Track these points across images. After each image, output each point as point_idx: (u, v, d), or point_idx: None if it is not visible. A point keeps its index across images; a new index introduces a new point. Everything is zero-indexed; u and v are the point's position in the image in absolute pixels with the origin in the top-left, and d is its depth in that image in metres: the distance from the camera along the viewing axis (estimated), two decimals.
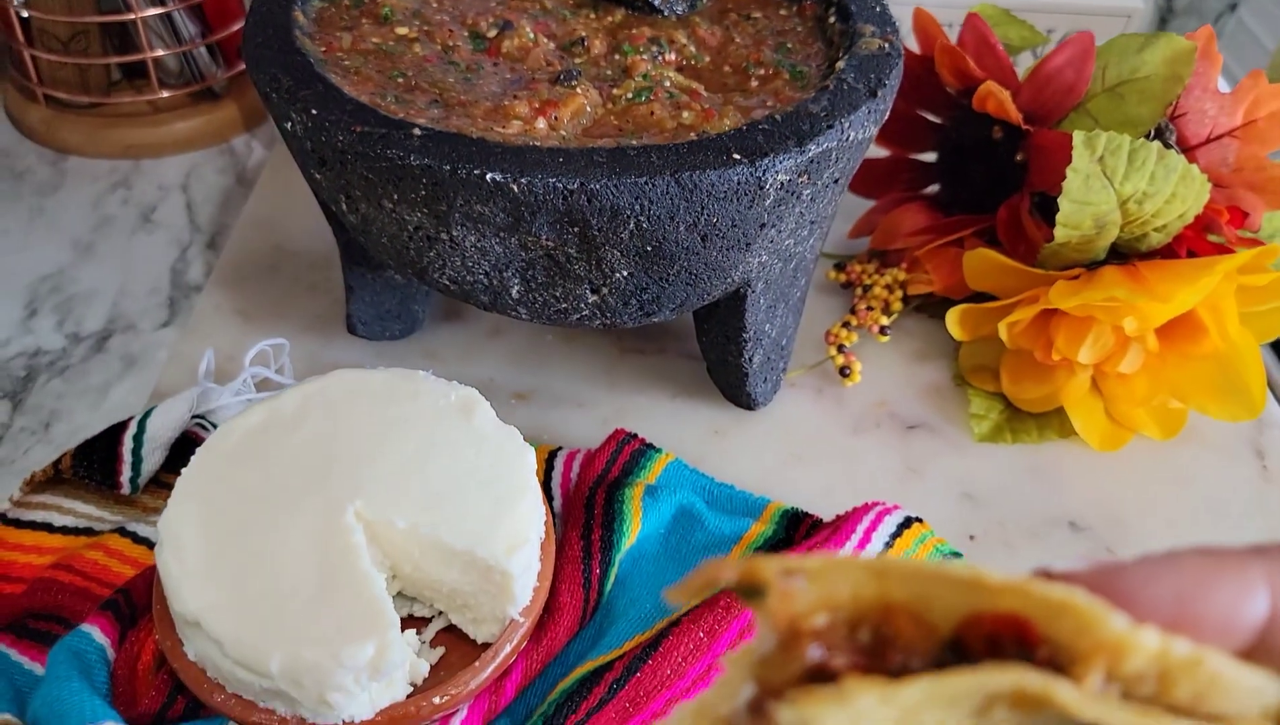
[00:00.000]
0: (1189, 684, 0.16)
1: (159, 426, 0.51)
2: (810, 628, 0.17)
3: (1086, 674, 0.16)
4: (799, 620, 0.17)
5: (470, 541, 0.41)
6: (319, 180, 0.48)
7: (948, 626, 0.17)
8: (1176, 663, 0.16)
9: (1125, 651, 0.16)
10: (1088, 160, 0.52)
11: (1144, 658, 0.16)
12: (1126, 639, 0.16)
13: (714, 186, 0.43)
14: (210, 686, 0.41)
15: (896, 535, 0.50)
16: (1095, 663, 0.16)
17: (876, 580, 0.17)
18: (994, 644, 0.17)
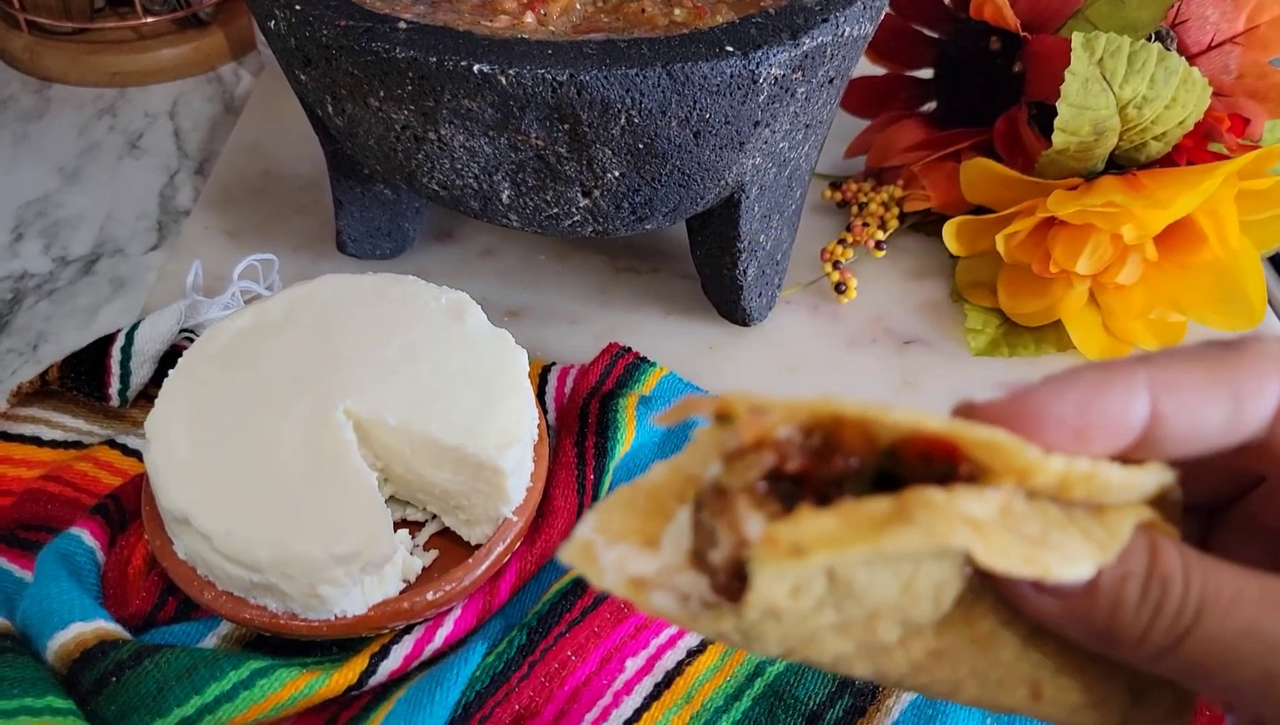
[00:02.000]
0: (1083, 489, 0.20)
1: (147, 339, 0.51)
2: (772, 438, 0.19)
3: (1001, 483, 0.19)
4: (766, 432, 0.19)
5: (461, 437, 0.41)
6: (304, 81, 0.47)
7: (887, 441, 0.19)
8: (1075, 477, 0.20)
9: (1034, 473, 0.19)
10: (1086, 63, 0.51)
11: (1052, 476, 0.19)
12: (1036, 464, 0.19)
13: (706, 79, 0.42)
14: (200, 584, 0.40)
15: None
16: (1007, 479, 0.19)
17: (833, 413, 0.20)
18: (925, 458, 0.19)
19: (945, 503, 0.18)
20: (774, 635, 0.20)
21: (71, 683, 0.39)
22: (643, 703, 0.41)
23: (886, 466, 0.20)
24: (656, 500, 0.21)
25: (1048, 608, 0.20)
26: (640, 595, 0.20)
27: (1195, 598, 0.20)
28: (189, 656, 0.39)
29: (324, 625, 0.39)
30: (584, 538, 0.20)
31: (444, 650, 0.42)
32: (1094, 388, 0.20)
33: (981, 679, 0.21)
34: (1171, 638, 0.20)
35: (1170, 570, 0.20)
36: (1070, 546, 0.19)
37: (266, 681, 0.39)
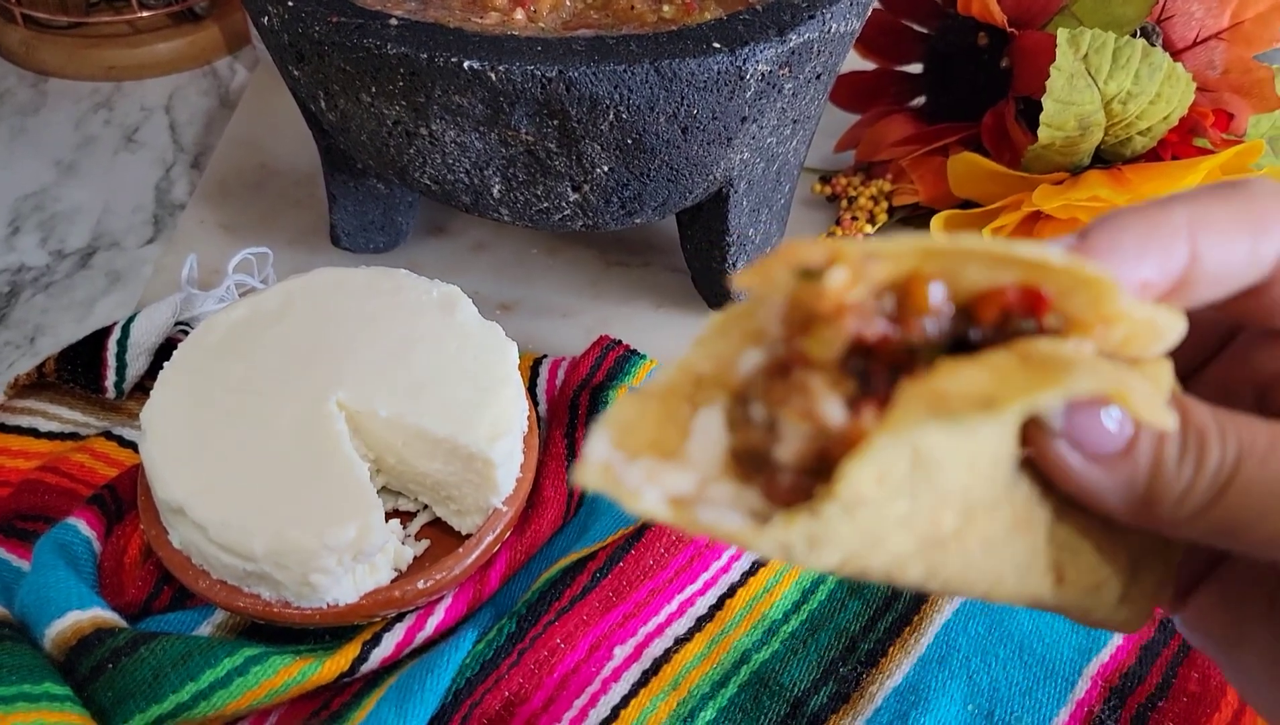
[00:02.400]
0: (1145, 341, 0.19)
1: (143, 331, 0.51)
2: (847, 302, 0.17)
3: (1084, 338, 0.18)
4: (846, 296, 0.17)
5: (452, 429, 0.42)
6: (297, 77, 0.47)
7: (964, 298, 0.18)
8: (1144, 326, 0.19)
9: (1117, 321, 0.18)
10: (1071, 58, 0.52)
11: (1132, 326, 0.18)
12: (1124, 312, 0.18)
13: (694, 76, 0.43)
14: (195, 573, 0.41)
15: None
16: (1092, 333, 0.18)
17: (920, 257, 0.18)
18: (1004, 315, 0.18)
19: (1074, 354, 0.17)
20: (844, 536, 0.17)
21: (68, 670, 0.39)
22: (630, 689, 0.42)
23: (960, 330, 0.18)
24: (668, 406, 0.18)
25: (1091, 476, 0.20)
26: (687, 516, 0.17)
27: (1233, 448, 0.20)
28: (184, 644, 0.39)
29: (317, 613, 0.40)
30: (601, 459, 0.17)
31: (435, 638, 0.42)
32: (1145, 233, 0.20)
33: (1017, 567, 0.20)
34: (1213, 490, 0.20)
35: (1204, 424, 0.20)
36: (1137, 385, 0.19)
37: (260, 668, 0.39)
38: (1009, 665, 0.43)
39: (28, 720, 0.37)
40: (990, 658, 0.43)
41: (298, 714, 0.41)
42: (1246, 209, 0.21)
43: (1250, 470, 0.19)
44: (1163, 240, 0.20)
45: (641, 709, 0.42)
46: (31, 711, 0.37)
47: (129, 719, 0.39)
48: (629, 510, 0.17)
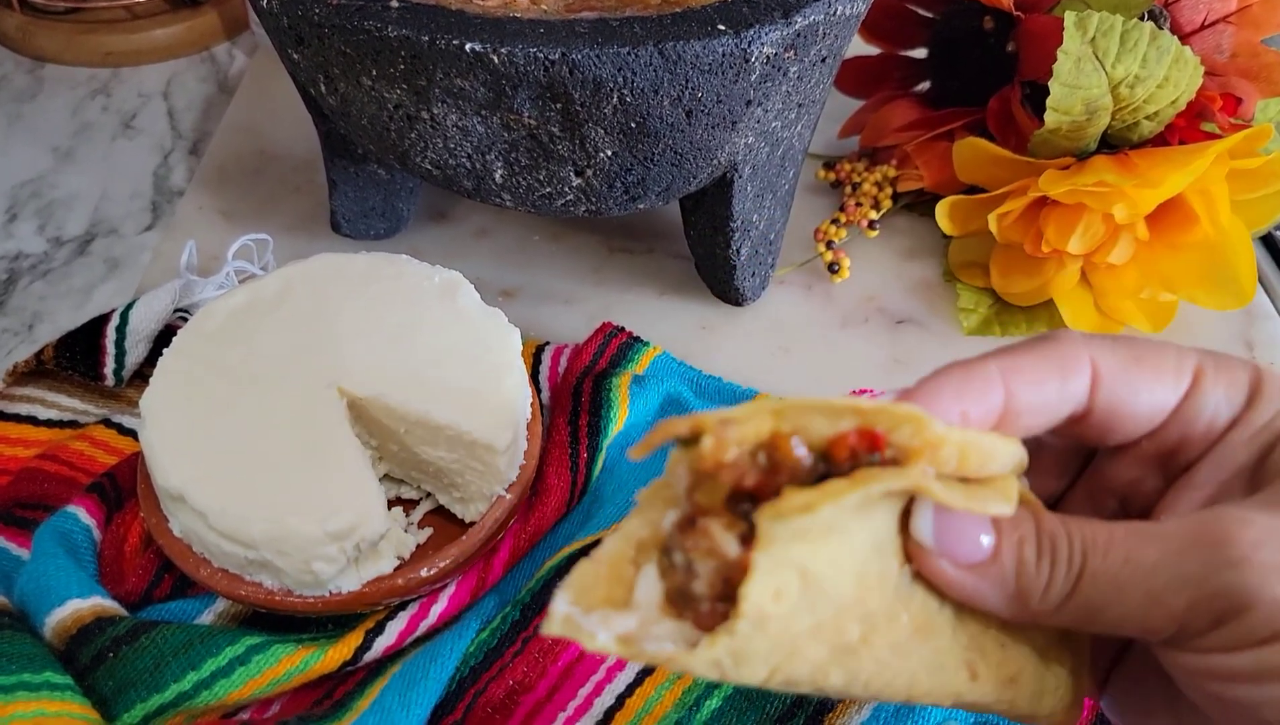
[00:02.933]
0: (976, 458, 0.23)
1: (141, 318, 0.51)
2: (725, 462, 0.22)
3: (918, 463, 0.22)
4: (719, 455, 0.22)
5: (455, 416, 0.41)
6: (297, 61, 0.47)
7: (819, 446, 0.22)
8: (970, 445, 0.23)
9: (942, 443, 0.22)
10: (1079, 42, 0.51)
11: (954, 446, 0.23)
12: (945, 435, 0.22)
13: (698, 58, 0.42)
14: (196, 561, 0.41)
15: None
16: (923, 456, 0.22)
17: (774, 418, 0.22)
18: (853, 453, 0.22)
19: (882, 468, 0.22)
20: (762, 650, 0.22)
21: (69, 658, 0.39)
22: (635, 678, 0.42)
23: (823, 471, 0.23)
24: (615, 569, 0.23)
25: (966, 582, 0.24)
26: (633, 649, 0.22)
27: (1079, 544, 0.23)
28: (185, 633, 0.39)
29: (319, 602, 0.40)
30: (563, 613, 0.22)
31: (438, 626, 0.42)
32: (961, 380, 0.25)
33: (929, 667, 0.24)
34: (1069, 582, 0.23)
35: (1054, 528, 0.24)
36: (986, 495, 0.23)
37: (262, 658, 0.39)
38: None
39: (28, 709, 0.36)
40: None
41: (301, 703, 0.41)
42: (1054, 356, 0.25)
43: (1095, 562, 0.23)
44: (976, 385, 0.25)
45: (646, 698, 0.41)
46: (32, 700, 0.37)
47: (130, 708, 0.38)
48: (587, 649, 0.22)
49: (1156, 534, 0.23)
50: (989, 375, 0.25)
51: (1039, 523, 0.24)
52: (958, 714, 0.41)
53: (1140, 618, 0.23)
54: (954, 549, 0.23)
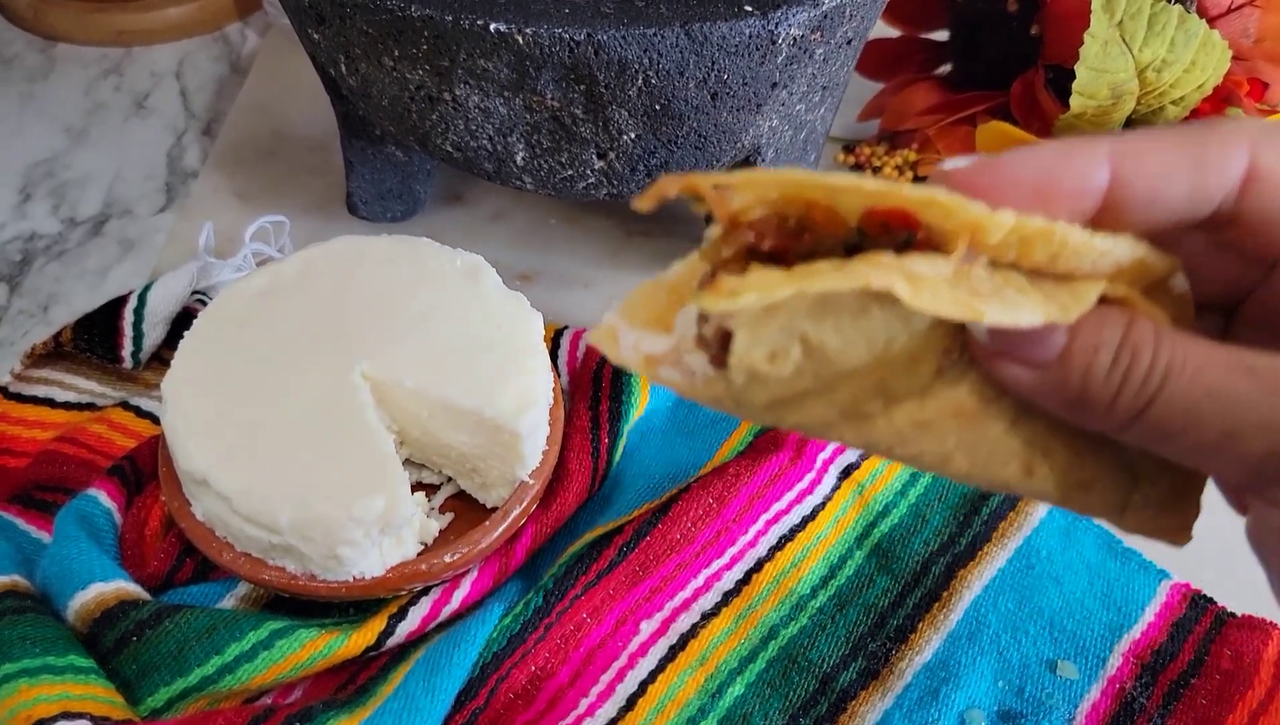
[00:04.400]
0: (1044, 248, 0.20)
1: (159, 300, 0.50)
2: (748, 218, 0.21)
3: (955, 247, 0.20)
4: (739, 213, 0.21)
5: (478, 401, 0.41)
6: (317, 40, 0.46)
7: (853, 217, 0.21)
8: (1031, 232, 0.20)
9: (985, 228, 0.20)
10: (1106, 25, 0.51)
11: (1002, 231, 0.20)
12: (984, 219, 0.20)
13: (725, 39, 0.42)
14: (219, 545, 0.40)
15: None
16: (960, 239, 0.20)
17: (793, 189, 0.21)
18: (887, 229, 0.20)
19: (891, 261, 0.19)
20: (761, 400, 0.22)
21: (92, 642, 0.39)
22: (658, 664, 0.42)
23: (856, 241, 0.21)
24: (674, 293, 0.22)
25: (1023, 378, 0.22)
26: (651, 369, 0.22)
27: (1163, 364, 0.21)
28: (209, 617, 0.39)
29: (343, 586, 0.39)
30: (609, 323, 0.22)
31: (461, 612, 0.42)
32: (1057, 153, 0.21)
33: (971, 452, 0.23)
34: (1140, 402, 0.21)
35: (1141, 340, 0.21)
36: (1020, 301, 0.20)
37: (285, 642, 0.39)
38: (1039, 641, 0.43)
39: (53, 692, 0.36)
40: (1020, 634, 0.43)
41: (324, 687, 0.41)
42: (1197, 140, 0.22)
43: (1174, 386, 0.21)
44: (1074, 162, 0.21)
45: (669, 684, 0.41)
46: (57, 684, 0.37)
47: (154, 692, 0.38)
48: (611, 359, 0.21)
49: (1254, 368, 0.20)
50: (1095, 154, 0.21)
51: (1129, 330, 0.21)
52: (982, 703, 0.41)
53: (1213, 456, 0.21)
54: (1015, 344, 0.21)
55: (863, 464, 0.47)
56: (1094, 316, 0.21)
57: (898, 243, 0.20)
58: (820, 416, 0.22)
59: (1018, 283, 0.20)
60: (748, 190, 0.21)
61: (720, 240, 0.21)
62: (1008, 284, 0.20)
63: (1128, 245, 0.21)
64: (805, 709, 0.41)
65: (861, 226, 0.20)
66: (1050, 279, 0.21)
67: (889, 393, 0.22)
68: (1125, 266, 0.22)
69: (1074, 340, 0.21)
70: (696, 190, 0.21)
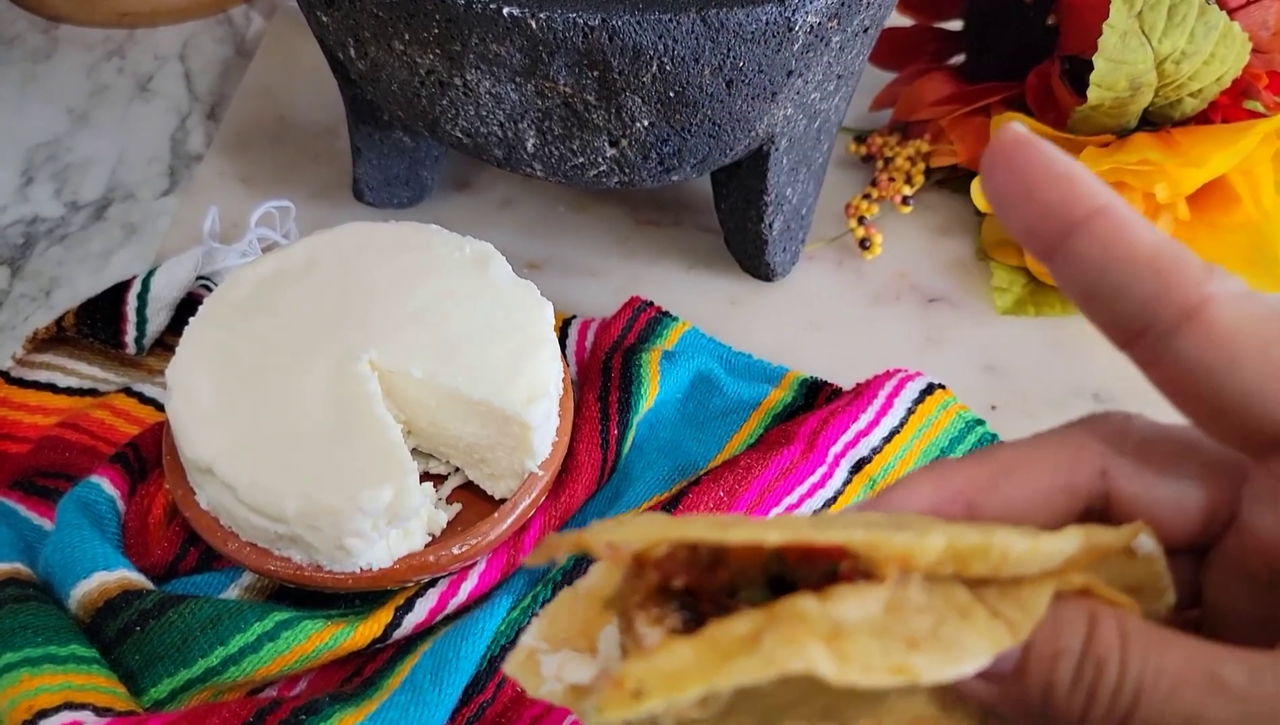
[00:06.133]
0: (982, 563, 0.19)
1: (163, 285, 0.50)
2: (653, 557, 0.19)
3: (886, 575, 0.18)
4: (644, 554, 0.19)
5: (488, 391, 0.40)
6: (325, 23, 0.46)
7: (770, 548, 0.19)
8: (966, 550, 0.19)
9: (914, 555, 0.18)
10: (1126, 16, 0.50)
11: (933, 555, 0.18)
12: (912, 548, 0.18)
13: (741, 26, 0.41)
14: (224, 535, 0.40)
15: (919, 402, 0.49)
16: (889, 568, 0.18)
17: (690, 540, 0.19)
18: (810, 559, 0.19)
19: (818, 611, 0.17)
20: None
21: (95, 632, 0.39)
22: None
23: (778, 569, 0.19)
24: (595, 604, 0.20)
25: (982, 692, 0.20)
26: (576, 704, 0.19)
27: (1133, 680, 0.18)
28: (213, 607, 0.38)
29: (349, 577, 0.39)
30: (527, 647, 0.20)
31: (468, 604, 0.42)
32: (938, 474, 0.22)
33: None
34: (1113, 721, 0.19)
35: (1106, 649, 0.19)
36: (963, 638, 0.18)
37: (291, 633, 0.38)
38: None
39: (55, 682, 0.36)
40: None
41: (329, 680, 0.40)
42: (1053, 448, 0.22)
43: (1151, 707, 0.18)
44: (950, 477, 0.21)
45: None
46: (59, 673, 0.36)
47: (158, 682, 0.38)
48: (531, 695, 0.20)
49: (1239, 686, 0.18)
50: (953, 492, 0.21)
51: (1091, 637, 0.19)
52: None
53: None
54: None
55: (874, 458, 0.47)
56: (1050, 620, 0.19)
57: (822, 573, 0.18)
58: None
59: (959, 600, 0.18)
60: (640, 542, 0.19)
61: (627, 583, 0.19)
62: (948, 605, 0.18)
63: (1075, 537, 0.20)
64: None
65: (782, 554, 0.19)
66: (994, 585, 0.19)
67: (839, 716, 0.20)
68: (1076, 556, 0.20)
69: (1029, 651, 0.19)
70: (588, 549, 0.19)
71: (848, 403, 0.48)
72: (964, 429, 0.48)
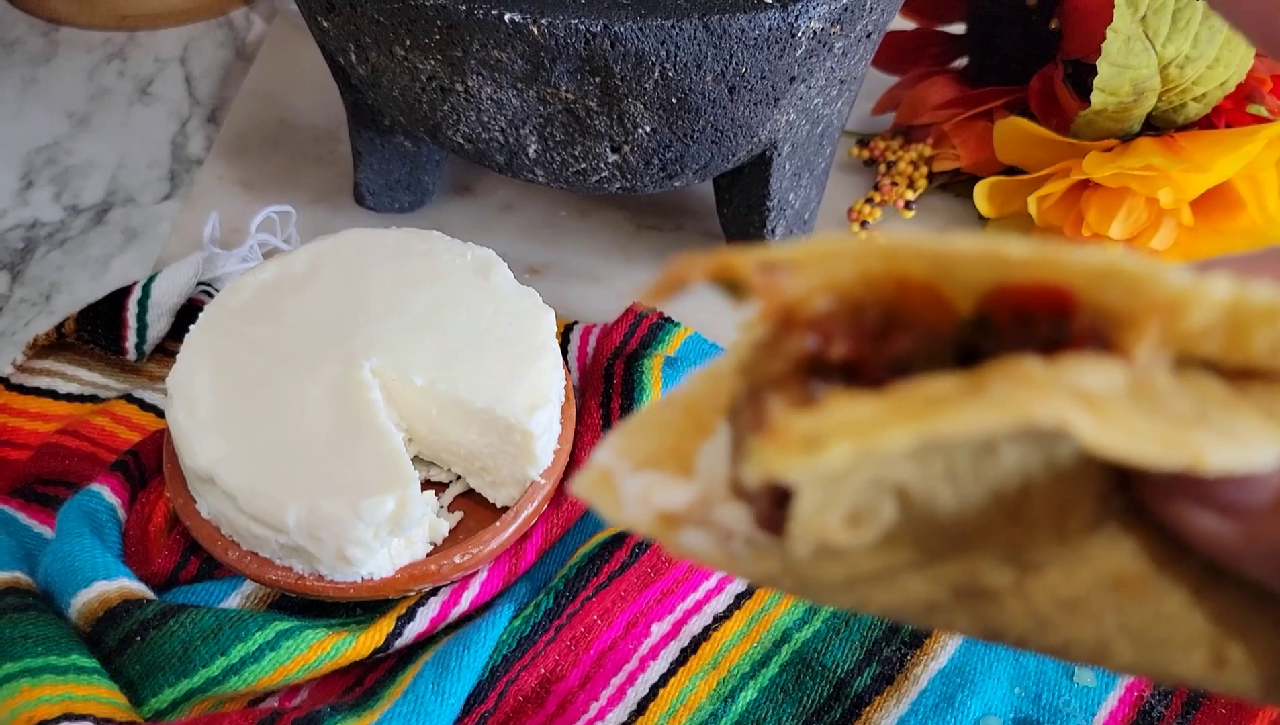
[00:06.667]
0: (1268, 333, 0.13)
1: (164, 291, 0.50)
2: (808, 314, 0.14)
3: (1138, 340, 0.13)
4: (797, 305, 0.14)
5: (489, 399, 0.40)
6: (326, 28, 0.46)
7: (969, 303, 0.14)
8: (1255, 310, 0.13)
9: (1185, 307, 0.13)
10: (1129, 20, 0.50)
11: (1212, 311, 0.13)
12: (1186, 292, 0.13)
13: (744, 32, 0.41)
14: (224, 544, 0.40)
15: None
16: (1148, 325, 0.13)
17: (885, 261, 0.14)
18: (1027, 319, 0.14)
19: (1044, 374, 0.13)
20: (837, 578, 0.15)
21: (95, 641, 0.38)
22: (669, 668, 0.41)
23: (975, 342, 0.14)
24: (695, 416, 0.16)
25: (1218, 532, 0.15)
26: (669, 533, 0.15)
27: None
28: (214, 617, 0.38)
29: (351, 587, 0.39)
30: (602, 465, 0.16)
31: (470, 613, 0.41)
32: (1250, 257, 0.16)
33: (1138, 637, 0.16)
34: None
35: None
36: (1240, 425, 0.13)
37: (292, 643, 0.38)
38: None
39: (56, 693, 0.36)
40: None
41: (330, 689, 0.40)
42: None
43: None
44: None
45: (681, 688, 0.41)
46: (60, 684, 0.36)
47: (158, 692, 0.38)
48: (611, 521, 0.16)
49: None
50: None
51: None
52: (998, 709, 0.40)
53: None
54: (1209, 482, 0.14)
55: None
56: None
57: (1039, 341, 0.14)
58: (923, 596, 0.16)
59: (1218, 395, 0.14)
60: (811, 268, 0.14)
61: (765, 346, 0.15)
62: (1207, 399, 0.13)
63: None
64: (819, 715, 0.40)
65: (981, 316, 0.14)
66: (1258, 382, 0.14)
67: (1022, 559, 0.16)
68: None
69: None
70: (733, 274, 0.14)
71: None
72: None
